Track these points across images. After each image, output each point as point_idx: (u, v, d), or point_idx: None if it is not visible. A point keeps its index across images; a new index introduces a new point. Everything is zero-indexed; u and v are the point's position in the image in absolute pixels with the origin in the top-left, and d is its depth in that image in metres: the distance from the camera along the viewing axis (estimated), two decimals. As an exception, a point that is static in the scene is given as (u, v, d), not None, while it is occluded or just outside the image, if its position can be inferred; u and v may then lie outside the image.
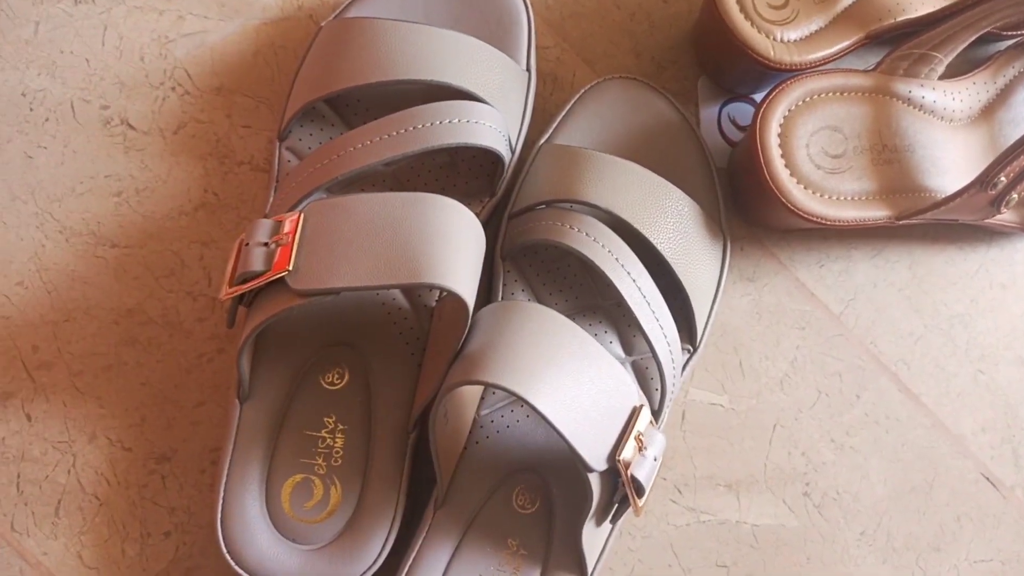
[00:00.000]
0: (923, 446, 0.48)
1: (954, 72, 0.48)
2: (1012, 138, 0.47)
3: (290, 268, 0.33)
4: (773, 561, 0.45)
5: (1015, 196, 0.43)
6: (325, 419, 0.39)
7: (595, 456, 0.34)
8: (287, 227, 0.35)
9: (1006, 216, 0.47)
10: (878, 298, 0.49)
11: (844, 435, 0.47)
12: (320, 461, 0.39)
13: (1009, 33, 0.49)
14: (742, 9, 0.42)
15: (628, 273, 0.38)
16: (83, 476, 0.41)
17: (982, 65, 0.49)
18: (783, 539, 0.46)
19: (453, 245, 0.34)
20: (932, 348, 0.49)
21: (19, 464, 0.41)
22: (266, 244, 0.34)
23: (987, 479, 0.48)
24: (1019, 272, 0.50)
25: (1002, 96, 0.49)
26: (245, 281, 0.34)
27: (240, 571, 0.37)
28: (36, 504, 0.41)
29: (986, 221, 0.46)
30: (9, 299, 0.42)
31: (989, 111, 0.48)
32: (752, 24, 0.42)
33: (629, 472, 0.35)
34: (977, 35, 0.45)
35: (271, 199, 0.41)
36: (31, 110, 0.43)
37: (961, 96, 0.47)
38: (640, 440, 0.36)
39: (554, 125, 0.44)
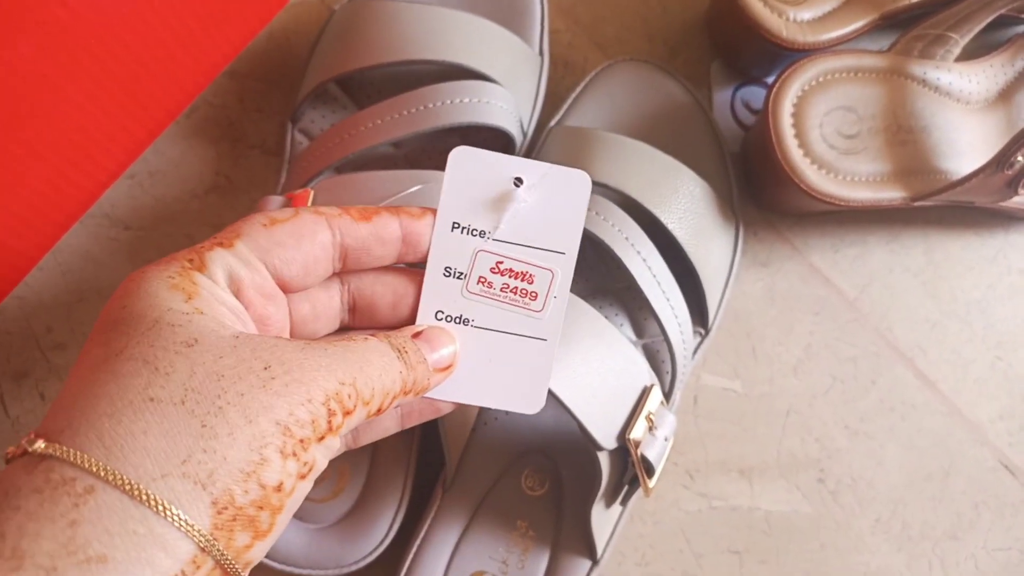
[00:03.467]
0: (939, 433, 0.47)
1: (969, 56, 0.47)
2: (1030, 120, 0.47)
3: (299, 244, 0.33)
4: (786, 548, 0.45)
5: (1033, 178, 0.42)
6: (335, 399, 0.39)
7: (605, 434, 0.34)
8: (295, 204, 0.35)
9: (1023, 199, 0.46)
10: (894, 284, 0.48)
11: (859, 422, 0.47)
12: (329, 441, 0.39)
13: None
14: (755, -11, 0.42)
15: (639, 253, 0.38)
16: (95, 456, 0.41)
17: (999, 48, 0.48)
18: (796, 526, 0.45)
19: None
20: (949, 334, 0.48)
21: (32, 443, 0.41)
22: (275, 221, 0.34)
23: (1005, 467, 0.47)
24: (1038, 258, 0.49)
25: (1020, 79, 0.48)
26: (254, 257, 0.34)
27: (249, 549, 0.37)
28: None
29: (1003, 204, 0.45)
30: (24, 281, 0.42)
31: (1007, 94, 0.48)
32: (764, 3, 0.41)
33: (639, 451, 0.35)
34: (993, 15, 0.45)
35: (282, 181, 0.41)
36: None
37: (978, 79, 0.47)
38: (651, 419, 0.35)
39: (565, 108, 0.44)
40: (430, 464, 0.41)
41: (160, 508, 0.19)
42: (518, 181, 0.27)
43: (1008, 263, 0.49)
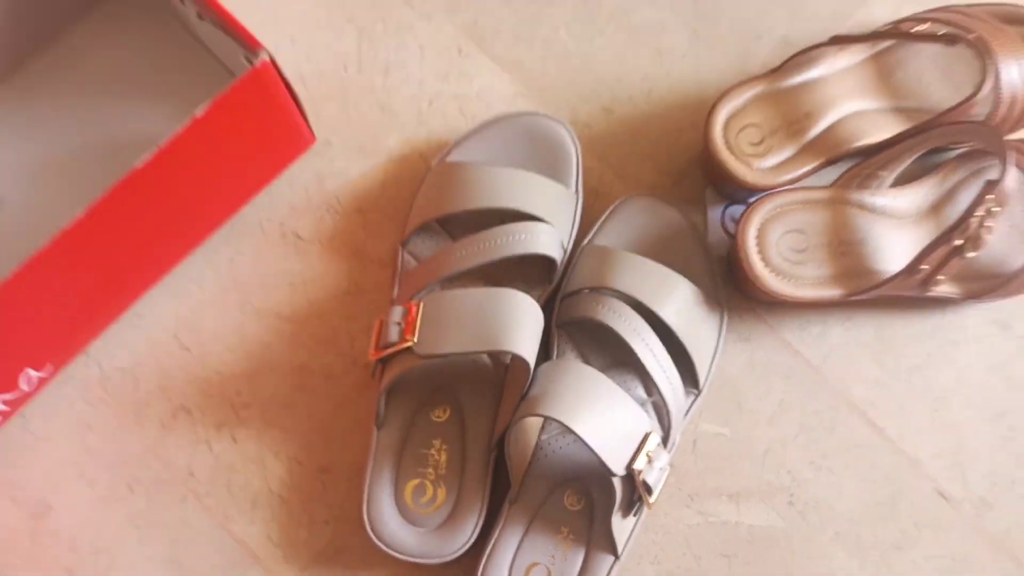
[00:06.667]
0: (887, 468, 0.62)
1: (916, 170, 0.61)
2: (948, 232, 0.61)
3: (415, 340, 0.51)
4: (765, 554, 0.60)
5: (942, 278, 0.57)
6: (433, 441, 0.57)
7: (617, 465, 0.50)
8: (411, 312, 0.53)
9: (949, 289, 0.61)
10: (849, 354, 0.63)
11: (821, 459, 0.62)
12: (431, 470, 0.56)
13: (952, 146, 0.63)
14: (728, 147, 0.58)
15: (643, 340, 0.54)
16: (271, 481, 0.60)
17: (932, 172, 0.63)
18: (773, 537, 0.60)
19: (520, 324, 0.51)
20: (895, 393, 0.63)
21: (228, 473, 0.60)
22: (399, 323, 0.53)
23: (941, 495, 0.62)
24: (969, 331, 0.63)
25: (948, 196, 0.63)
26: (385, 348, 0.52)
27: (378, 543, 0.55)
28: (240, 501, 0.60)
29: (931, 293, 0.60)
30: (221, 361, 0.61)
31: (937, 208, 0.62)
32: (736, 158, 0.58)
33: (641, 477, 0.51)
34: (916, 156, 0.60)
35: (396, 287, 0.59)
36: (230, 228, 0.63)
37: (910, 199, 0.62)
38: (649, 455, 0.52)
39: (593, 231, 0.61)
40: (500, 488, 0.58)
41: None
42: None
43: (944, 336, 0.64)
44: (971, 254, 0.56)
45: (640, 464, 0.51)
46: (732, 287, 0.63)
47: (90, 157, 0.62)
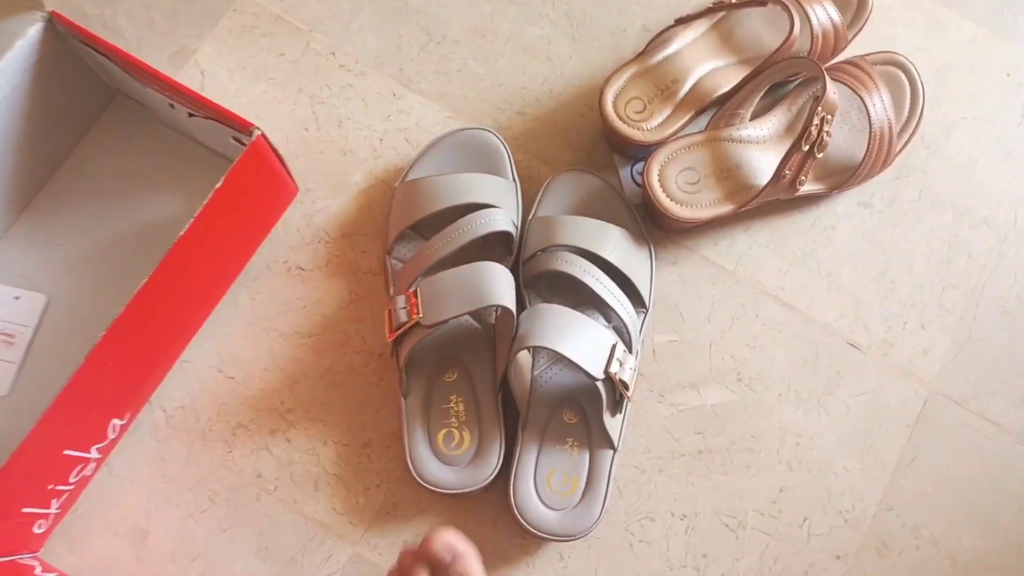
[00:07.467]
0: (804, 335, 0.78)
1: (769, 104, 0.79)
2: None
3: (420, 315, 0.65)
4: (728, 423, 0.75)
5: (804, 178, 0.74)
6: (450, 397, 0.71)
7: (596, 371, 0.65)
8: (412, 297, 0.67)
9: (815, 187, 0.78)
10: (755, 254, 0.79)
11: (754, 340, 0.77)
12: (454, 420, 0.70)
13: (790, 80, 0.81)
14: (619, 117, 0.74)
15: (593, 276, 0.69)
16: (325, 464, 0.72)
17: (781, 101, 0.80)
18: (731, 409, 0.76)
19: (498, 283, 0.66)
20: (796, 276, 0.79)
21: (289, 467, 0.72)
22: (404, 308, 0.66)
23: (851, 345, 0.78)
24: (840, 215, 0.80)
25: (798, 116, 0.80)
26: (398, 328, 0.66)
27: (425, 485, 0.68)
28: (304, 486, 0.72)
29: (801, 192, 0.77)
30: (262, 380, 0.74)
31: (791, 128, 0.79)
32: (627, 124, 0.74)
33: (617, 376, 0.66)
34: (762, 92, 0.77)
35: (391, 288, 0.73)
36: (245, 275, 0.76)
37: (767, 126, 0.78)
38: (619, 360, 0.66)
39: (535, 206, 0.76)
40: (510, 422, 0.71)
41: None
42: None
43: (823, 224, 0.80)
44: (820, 155, 0.72)
45: (615, 368, 0.66)
46: (652, 226, 0.78)
47: (118, 246, 0.75)
